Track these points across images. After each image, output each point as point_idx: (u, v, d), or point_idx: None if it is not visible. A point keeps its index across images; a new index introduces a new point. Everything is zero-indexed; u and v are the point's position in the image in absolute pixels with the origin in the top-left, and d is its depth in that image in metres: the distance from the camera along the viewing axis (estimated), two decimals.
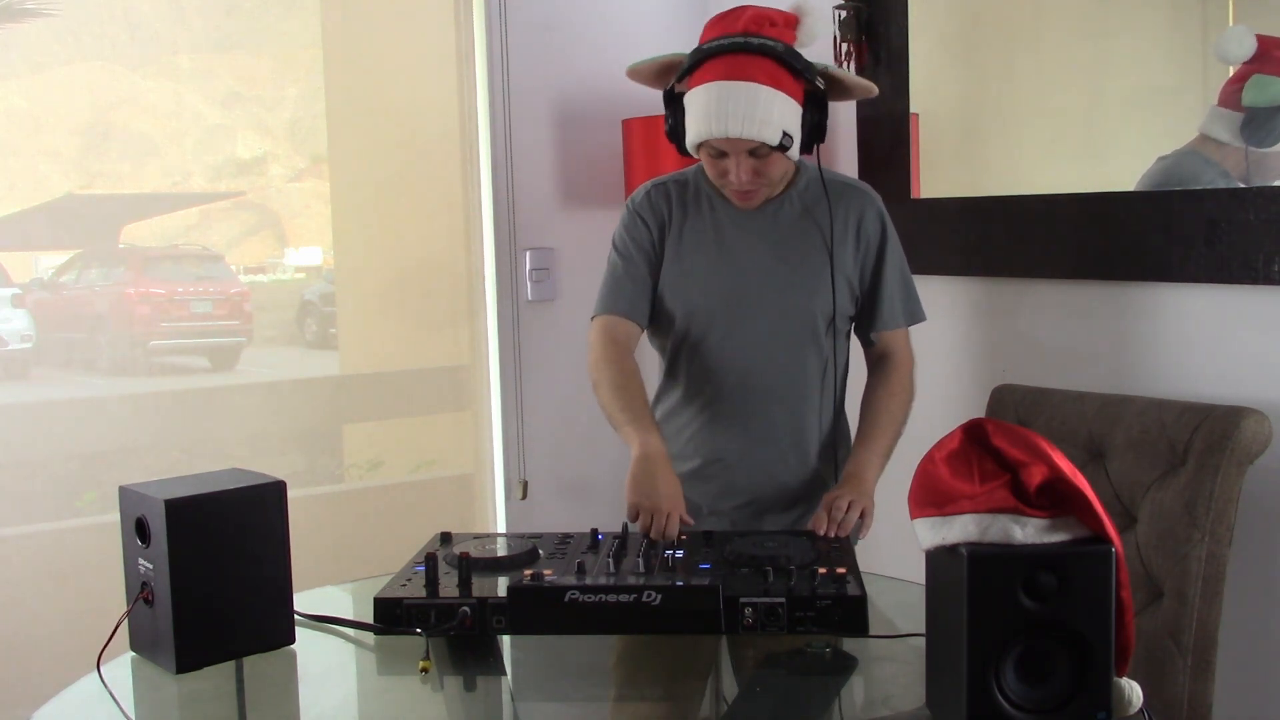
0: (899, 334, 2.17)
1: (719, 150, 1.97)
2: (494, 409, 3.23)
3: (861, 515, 1.94)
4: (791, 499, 2.14)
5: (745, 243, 2.09)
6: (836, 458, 2.14)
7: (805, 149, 2.00)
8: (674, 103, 2.01)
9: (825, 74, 1.99)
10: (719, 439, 2.12)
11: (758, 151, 1.96)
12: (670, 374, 2.18)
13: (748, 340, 2.09)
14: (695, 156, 2.05)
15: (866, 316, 2.15)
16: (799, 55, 1.95)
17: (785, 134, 1.93)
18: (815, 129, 1.98)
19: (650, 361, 2.21)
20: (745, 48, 1.92)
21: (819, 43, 2.03)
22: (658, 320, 2.14)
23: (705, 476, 2.13)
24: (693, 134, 1.97)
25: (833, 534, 1.89)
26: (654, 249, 2.12)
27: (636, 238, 2.12)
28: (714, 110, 1.91)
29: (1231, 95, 2.14)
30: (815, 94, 1.97)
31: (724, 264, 2.09)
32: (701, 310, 2.10)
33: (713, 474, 2.13)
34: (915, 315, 2.18)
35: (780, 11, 1.98)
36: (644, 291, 2.12)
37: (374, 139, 3.31)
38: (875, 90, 2.06)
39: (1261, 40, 2.11)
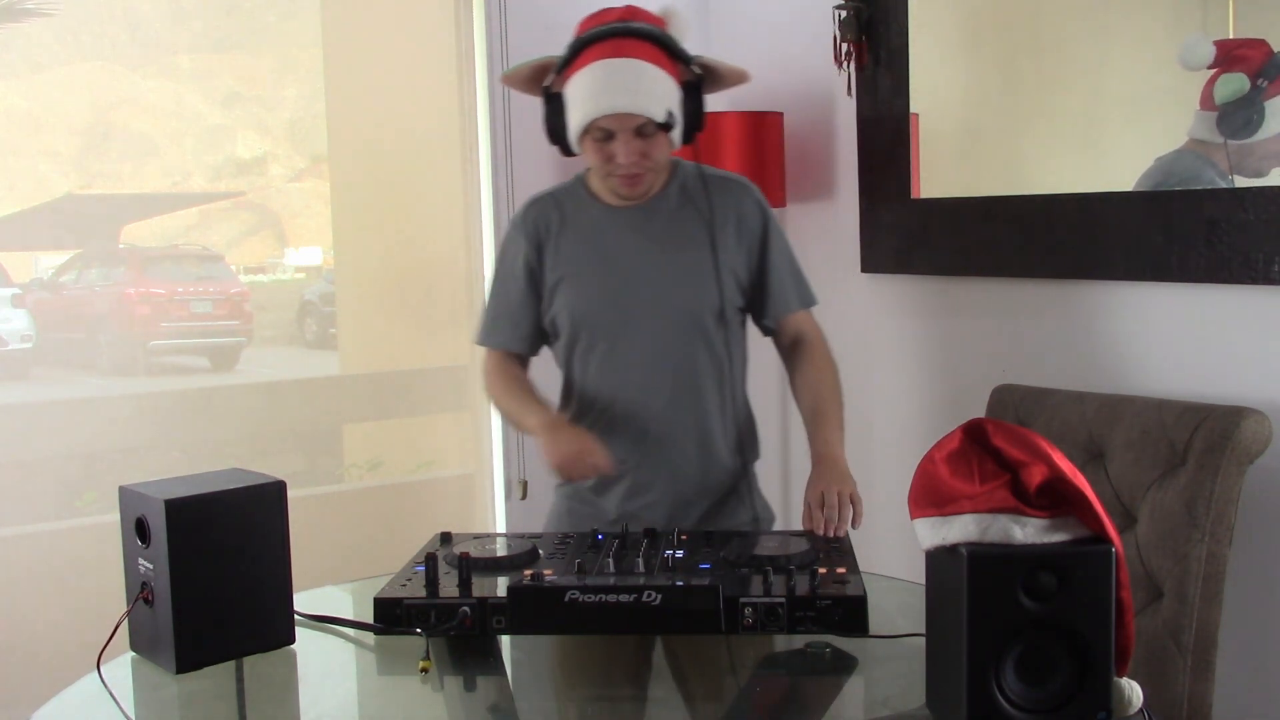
0: (802, 317, 2.17)
1: (605, 132, 1.97)
2: (493, 409, 3.22)
3: (853, 501, 1.94)
4: (706, 492, 2.13)
5: (625, 245, 2.09)
6: (744, 451, 2.14)
7: (687, 138, 2.01)
8: (553, 101, 2.01)
9: (699, 62, 2.00)
10: (619, 445, 2.07)
11: (644, 130, 1.96)
12: (567, 384, 2.17)
13: (637, 343, 2.08)
14: (577, 152, 2.04)
15: (759, 305, 2.15)
16: (676, 41, 1.97)
17: (669, 112, 1.94)
18: (694, 117, 2.00)
19: (553, 376, 2.20)
20: (626, 30, 1.94)
21: (819, 42, 2.02)
22: (548, 335, 2.16)
23: (610, 482, 2.11)
24: (578, 118, 1.96)
25: (831, 533, 1.89)
26: (534, 265, 2.12)
27: (513, 255, 2.14)
28: (600, 87, 1.92)
29: (1207, 97, 2.21)
30: (692, 81, 1.98)
31: (605, 270, 2.09)
32: (587, 318, 2.10)
33: (618, 477, 2.10)
34: (808, 299, 2.18)
35: (649, 13, 2.00)
36: (526, 315, 2.15)
37: (374, 139, 3.31)
38: (748, 76, 2.06)
39: (1220, 44, 2.18)
